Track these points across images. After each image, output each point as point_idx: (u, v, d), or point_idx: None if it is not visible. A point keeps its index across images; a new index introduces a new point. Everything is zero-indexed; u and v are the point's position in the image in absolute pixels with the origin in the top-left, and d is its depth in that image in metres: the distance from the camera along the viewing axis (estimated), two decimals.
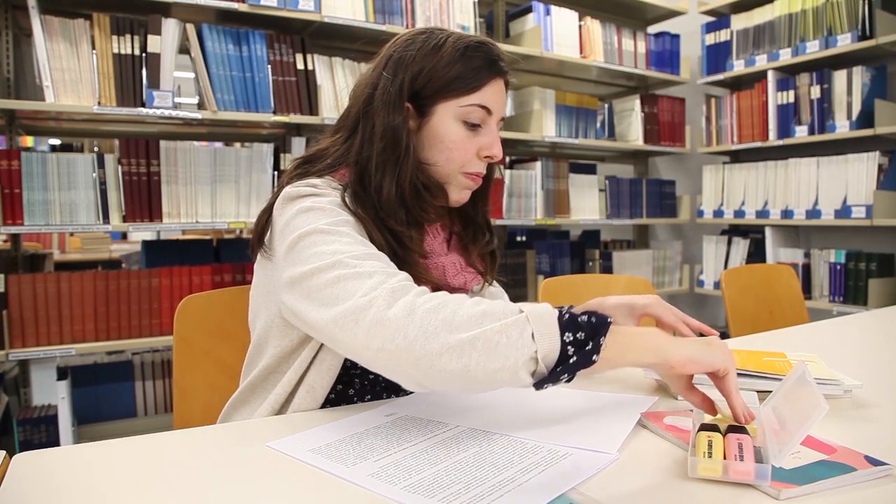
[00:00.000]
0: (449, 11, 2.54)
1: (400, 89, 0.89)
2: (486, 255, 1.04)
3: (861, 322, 1.61)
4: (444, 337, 0.64)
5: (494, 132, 0.94)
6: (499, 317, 0.65)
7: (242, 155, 2.18)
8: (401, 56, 0.91)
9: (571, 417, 0.81)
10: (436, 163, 0.92)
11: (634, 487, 0.62)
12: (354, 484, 0.62)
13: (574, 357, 0.65)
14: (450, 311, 0.65)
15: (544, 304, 0.69)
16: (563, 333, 0.65)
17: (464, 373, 0.64)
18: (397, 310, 0.66)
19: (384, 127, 0.88)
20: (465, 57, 0.90)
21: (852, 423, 0.80)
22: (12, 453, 0.69)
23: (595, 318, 0.67)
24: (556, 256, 3.04)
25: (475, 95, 0.91)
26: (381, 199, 0.87)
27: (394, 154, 0.88)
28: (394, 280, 0.70)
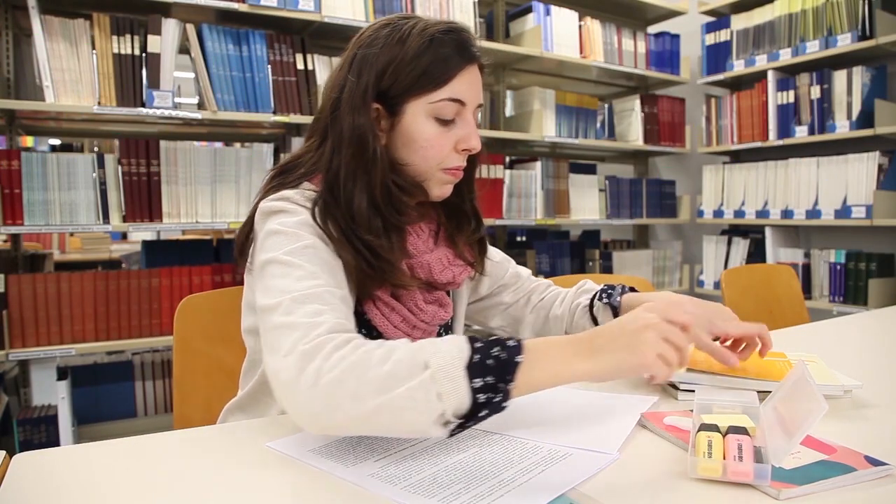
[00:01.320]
0: (449, 11, 2.54)
1: (365, 91, 0.85)
2: (475, 244, 1.01)
3: (861, 322, 1.61)
4: (348, 408, 0.62)
5: (471, 123, 0.90)
6: (404, 377, 0.62)
7: (242, 155, 2.18)
8: (364, 54, 0.87)
9: (571, 417, 0.81)
10: (412, 162, 0.89)
11: (634, 487, 0.62)
12: (354, 484, 0.62)
13: (485, 405, 0.63)
14: (353, 379, 0.62)
15: (456, 343, 0.65)
16: (472, 380, 0.62)
17: (374, 433, 0.64)
18: (305, 379, 0.64)
19: (350, 132, 0.85)
20: (431, 48, 0.85)
21: (852, 423, 0.80)
22: (12, 453, 0.69)
23: (506, 353, 0.64)
24: (556, 256, 3.04)
25: (445, 89, 0.86)
26: (353, 211, 0.84)
27: (362, 160, 0.85)
28: (313, 335, 0.67)
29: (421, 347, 0.65)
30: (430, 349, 0.64)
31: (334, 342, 0.66)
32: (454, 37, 0.87)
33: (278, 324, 0.70)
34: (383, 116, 0.88)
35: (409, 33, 0.86)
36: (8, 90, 2.03)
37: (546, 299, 1.14)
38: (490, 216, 2.68)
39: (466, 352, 0.64)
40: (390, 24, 0.88)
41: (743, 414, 0.72)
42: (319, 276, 0.76)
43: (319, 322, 0.69)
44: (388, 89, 0.86)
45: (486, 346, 0.65)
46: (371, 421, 0.63)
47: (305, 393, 0.64)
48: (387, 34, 0.86)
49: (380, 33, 0.87)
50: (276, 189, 0.89)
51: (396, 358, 0.64)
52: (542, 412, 0.84)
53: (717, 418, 0.70)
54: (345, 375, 0.63)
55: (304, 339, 0.67)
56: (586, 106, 3.03)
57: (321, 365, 0.64)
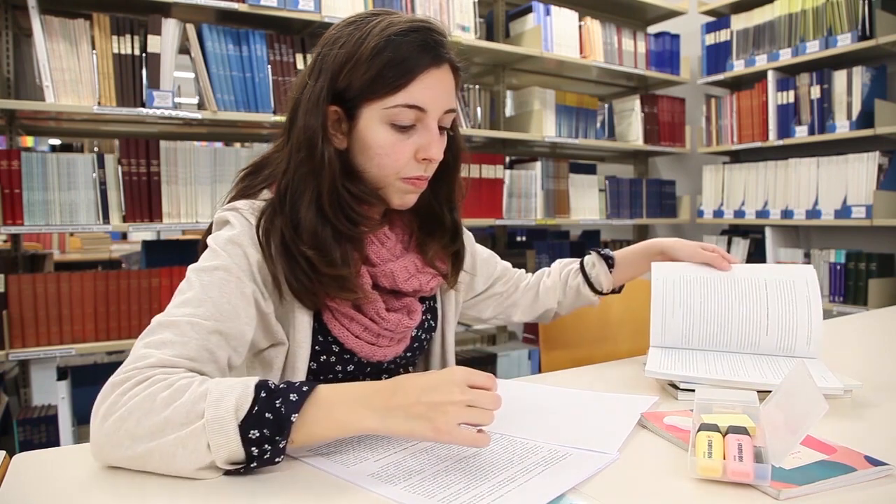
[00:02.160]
0: (449, 11, 2.54)
1: (320, 93, 0.81)
2: (448, 256, 0.97)
3: (861, 322, 1.61)
4: (126, 447, 0.63)
5: (432, 130, 0.83)
6: (179, 425, 0.62)
7: (242, 155, 2.18)
8: (325, 54, 0.83)
9: (571, 417, 0.81)
10: (367, 170, 0.85)
11: (634, 487, 0.62)
12: (354, 484, 0.62)
13: (257, 458, 0.63)
14: (134, 420, 0.63)
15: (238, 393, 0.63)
16: (248, 430, 0.62)
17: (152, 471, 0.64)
18: (101, 412, 0.65)
19: (302, 135, 0.82)
20: (387, 49, 0.79)
21: (852, 423, 0.80)
22: (12, 453, 0.69)
23: (285, 408, 0.63)
24: (557, 256, 3.00)
25: (401, 94, 0.80)
26: (298, 220, 0.82)
27: (311, 164, 0.81)
28: (130, 367, 0.67)
29: (203, 395, 0.64)
30: (213, 397, 0.63)
31: (137, 378, 0.66)
32: (416, 37, 0.81)
33: (140, 343, 0.71)
34: (343, 120, 0.84)
35: (369, 32, 0.81)
36: (8, 90, 2.03)
37: (532, 280, 1.20)
38: (490, 216, 2.68)
39: (247, 403, 0.63)
40: (356, 22, 0.84)
41: (743, 414, 0.72)
42: (202, 304, 0.74)
43: (149, 354, 0.69)
44: (343, 91, 0.82)
45: (269, 398, 0.63)
46: (146, 462, 0.63)
47: (96, 426, 0.65)
48: (349, 32, 0.82)
49: (344, 31, 0.83)
50: (238, 195, 0.90)
51: (178, 403, 0.63)
52: (542, 412, 0.84)
53: (717, 418, 0.70)
54: (126, 415, 0.63)
55: (122, 369, 0.68)
56: (586, 106, 3.03)
57: (116, 400, 0.65)
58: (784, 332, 1.02)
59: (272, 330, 0.84)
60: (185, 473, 0.63)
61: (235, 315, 0.76)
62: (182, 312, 0.73)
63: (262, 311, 0.82)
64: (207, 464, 0.62)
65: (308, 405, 0.65)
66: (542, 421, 0.80)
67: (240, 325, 0.77)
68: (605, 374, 1.07)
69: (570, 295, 1.18)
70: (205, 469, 0.63)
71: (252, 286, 0.80)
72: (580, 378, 1.04)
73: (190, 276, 0.78)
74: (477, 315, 1.18)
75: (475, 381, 0.67)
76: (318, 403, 0.65)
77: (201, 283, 0.76)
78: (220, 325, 0.74)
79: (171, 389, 0.64)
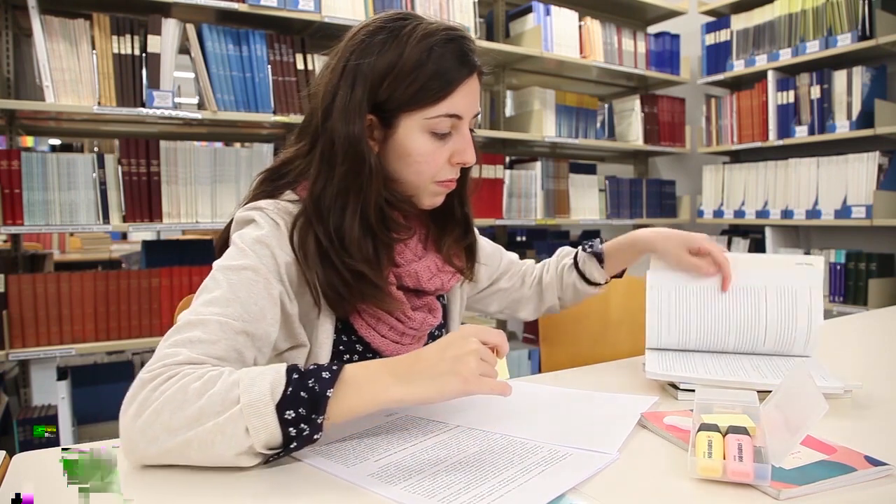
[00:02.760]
0: (449, 11, 2.54)
1: (360, 105, 0.81)
2: (462, 251, 0.98)
3: (861, 322, 1.61)
4: (162, 441, 0.63)
5: (467, 137, 0.86)
6: (215, 412, 0.63)
7: (242, 155, 2.18)
8: (358, 64, 0.81)
9: (571, 417, 0.81)
10: (404, 176, 0.86)
11: (634, 487, 0.62)
12: (354, 484, 0.62)
13: (296, 438, 0.63)
14: (168, 413, 0.63)
15: (271, 378, 0.64)
16: (284, 412, 0.62)
17: (189, 463, 0.64)
18: (132, 410, 0.65)
19: (345, 145, 0.81)
20: (430, 60, 0.80)
21: (852, 423, 0.80)
22: (12, 453, 0.69)
23: (318, 385, 0.64)
24: None
25: (443, 105, 0.82)
26: (342, 233, 0.81)
27: (358, 176, 0.81)
28: (158, 365, 0.68)
29: (236, 382, 0.64)
30: (245, 383, 0.64)
31: (167, 374, 0.66)
32: (455, 47, 0.82)
33: (167, 341, 0.71)
34: (376, 127, 0.84)
35: (406, 41, 0.81)
36: (8, 90, 2.03)
37: (536, 274, 1.20)
38: (490, 216, 2.68)
39: (281, 385, 0.64)
40: (385, 27, 0.83)
41: (743, 414, 0.72)
42: (230, 304, 0.74)
43: (177, 352, 0.69)
44: (383, 102, 0.82)
45: (302, 378, 0.65)
46: (184, 453, 0.63)
47: (127, 424, 0.65)
48: (382, 40, 0.81)
49: (375, 38, 0.82)
50: (260, 196, 0.89)
51: (211, 392, 0.64)
52: (543, 412, 0.84)
53: (717, 418, 0.70)
54: (161, 407, 0.64)
55: (151, 366, 0.68)
56: (586, 106, 3.03)
57: (147, 396, 0.65)
58: (781, 340, 1.01)
59: (295, 332, 0.84)
60: (224, 461, 0.63)
61: (262, 316, 0.77)
62: (210, 311, 0.73)
63: (286, 312, 0.81)
64: (246, 448, 0.63)
65: (339, 382, 0.66)
66: (542, 421, 0.80)
67: (266, 327, 0.77)
68: (605, 374, 1.07)
69: (569, 291, 1.19)
70: (244, 454, 0.63)
71: (279, 287, 0.80)
72: (580, 378, 1.04)
73: (216, 275, 0.77)
74: (483, 308, 1.19)
75: (485, 337, 0.71)
76: (348, 381, 0.67)
77: (229, 283, 0.76)
78: (247, 326, 0.74)
79: (203, 381, 0.65)
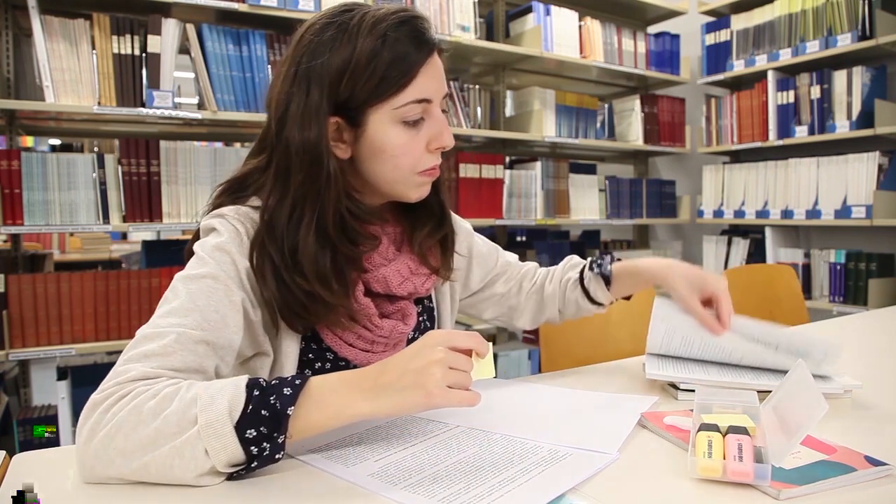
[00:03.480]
0: (449, 11, 2.54)
1: (318, 108, 0.76)
2: (436, 245, 0.92)
3: (861, 322, 1.61)
4: (119, 465, 0.61)
5: (440, 119, 0.82)
6: (172, 434, 0.60)
7: (242, 155, 2.15)
8: (310, 66, 0.77)
9: (571, 417, 0.81)
10: (382, 173, 0.82)
11: (634, 487, 0.62)
12: (354, 484, 0.62)
13: (257, 457, 0.61)
14: (122, 437, 0.61)
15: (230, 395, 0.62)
16: (244, 430, 0.60)
17: (151, 481, 0.62)
18: (84, 433, 0.62)
19: (301, 152, 0.76)
20: (385, 47, 0.76)
21: (852, 423, 0.80)
22: (12, 453, 0.69)
23: (279, 402, 0.62)
24: (557, 256, 3.03)
25: (409, 91, 0.78)
26: (296, 248, 0.77)
27: (314, 186, 0.77)
28: (111, 383, 0.65)
29: (194, 400, 0.62)
30: (204, 401, 0.61)
31: (119, 393, 0.64)
32: (408, 28, 0.78)
33: (123, 358, 0.68)
34: (344, 129, 0.80)
35: (356, 33, 0.76)
36: (8, 90, 2.03)
37: (538, 282, 1.13)
38: (490, 216, 2.68)
39: (240, 403, 0.61)
40: (332, 23, 0.78)
41: (743, 414, 0.72)
42: (189, 314, 0.71)
43: (129, 369, 0.66)
44: (346, 100, 0.77)
45: (262, 395, 0.62)
46: (143, 476, 0.61)
47: (80, 447, 0.63)
48: (332, 37, 0.77)
49: (323, 37, 0.77)
50: (221, 205, 0.84)
51: (167, 412, 0.61)
52: (543, 412, 0.84)
53: (717, 418, 0.70)
54: (114, 432, 0.61)
55: (102, 387, 0.65)
56: (586, 106, 3.03)
57: (99, 419, 0.62)
58: None
59: (258, 340, 0.81)
60: (185, 482, 0.61)
61: (224, 324, 0.73)
62: (167, 323, 0.70)
63: (249, 319, 0.78)
64: (207, 469, 0.61)
65: (302, 397, 0.64)
66: (542, 421, 0.80)
67: (228, 334, 0.74)
68: (605, 374, 1.07)
69: (571, 307, 1.12)
70: (206, 475, 0.61)
71: (241, 294, 0.76)
72: (580, 378, 1.04)
73: (176, 285, 0.74)
74: (477, 315, 1.14)
75: (456, 342, 0.66)
76: (311, 394, 0.65)
77: (188, 292, 0.73)
78: (207, 335, 0.71)
79: (158, 398, 0.62)
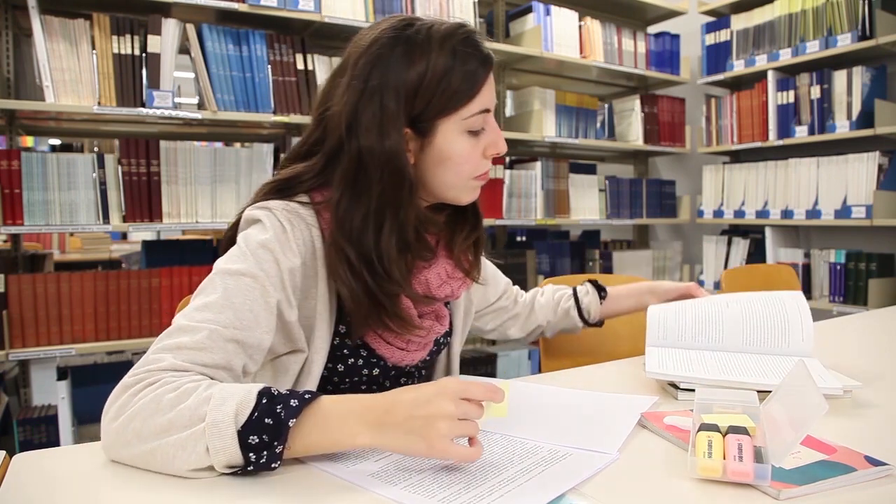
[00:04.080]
0: (449, 11, 2.54)
1: (395, 119, 0.80)
2: (470, 248, 0.96)
3: (861, 322, 1.61)
4: (132, 446, 0.64)
5: (496, 127, 0.88)
6: (181, 426, 0.63)
7: (242, 155, 2.18)
8: (384, 79, 0.80)
9: (571, 417, 0.81)
10: (442, 179, 0.87)
11: (634, 487, 0.62)
12: (354, 484, 0.62)
13: (255, 463, 0.62)
14: (140, 421, 0.64)
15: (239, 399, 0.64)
16: (248, 436, 0.62)
17: (158, 470, 0.64)
18: (110, 412, 0.67)
19: (381, 165, 0.80)
20: (456, 60, 0.81)
21: (852, 423, 0.80)
22: (12, 453, 0.69)
23: (284, 413, 0.63)
24: (556, 256, 3.04)
25: (475, 103, 0.83)
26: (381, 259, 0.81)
27: (396, 195, 0.81)
28: (143, 370, 0.68)
29: (208, 398, 0.64)
30: (215, 401, 0.64)
31: (148, 380, 0.67)
32: (473, 44, 0.84)
33: (155, 347, 0.72)
34: (411, 139, 0.84)
35: (427, 48, 0.81)
36: (8, 90, 2.03)
37: (528, 296, 1.26)
38: (490, 216, 2.68)
39: (248, 409, 0.63)
40: (400, 37, 0.82)
41: (743, 414, 0.72)
42: (223, 310, 0.74)
43: (162, 358, 0.69)
44: (419, 112, 0.82)
45: (270, 403, 0.64)
46: (148, 461, 0.64)
47: (106, 425, 0.67)
48: (403, 51, 0.81)
49: (394, 51, 0.81)
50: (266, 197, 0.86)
51: (183, 406, 0.64)
52: (542, 412, 0.84)
53: (717, 418, 0.70)
54: (135, 415, 0.65)
55: (134, 371, 0.69)
56: (586, 106, 3.03)
57: (126, 401, 0.66)
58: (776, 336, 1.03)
59: (294, 337, 0.83)
60: (182, 474, 0.63)
61: (256, 324, 0.76)
62: (202, 317, 0.73)
63: (284, 320, 0.80)
64: (205, 466, 0.63)
65: (307, 413, 0.65)
66: (542, 421, 0.80)
67: (259, 335, 0.76)
68: (605, 374, 1.07)
69: (560, 315, 1.24)
70: (202, 471, 0.63)
71: (277, 296, 0.78)
72: (580, 378, 1.04)
73: (214, 279, 0.77)
74: (481, 326, 1.21)
75: (470, 393, 0.65)
76: (317, 413, 0.65)
77: (225, 288, 0.75)
78: (238, 334, 0.74)
79: (178, 392, 0.65)
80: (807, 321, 1.03)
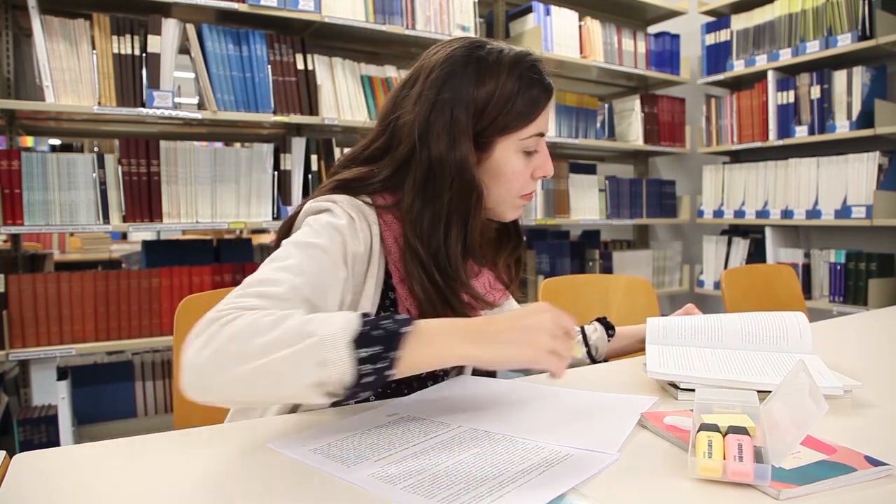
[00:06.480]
0: (449, 11, 2.54)
1: (465, 132, 0.86)
2: (512, 263, 1.02)
3: (861, 322, 1.61)
4: (230, 369, 0.63)
5: (546, 151, 0.94)
6: (289, 343, 0.63)
7: (242, 155, 2.18)
8: (455, 94, 0.86)
9: (571, 417, 0.81)
10: (493, 195, 0.92)
11: (634, 487, 0.62)
12: (354, 484, 0.62)
13: (370, 374, 0.63)
14: (239, 342, 0.64)
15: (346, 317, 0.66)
16: (358, 349, 0.63)
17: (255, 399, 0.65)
18: (199, 342, 0.66)
19: (452, 174, 0.86)
20: (522, 84, 0.88)
21: (852, 423, 0.80)
22: (12, 453, 0.69)
23: (395, 324, 0.65)
24: (557, 256, 3.04)
25: (533, 126, 0.90)
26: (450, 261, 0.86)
27: (465, 203, 0.87)
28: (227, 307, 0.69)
29: (311, 319, 0.66)
30: (320, 319, 0.65)
31: (237, 312, 0.68)
32: (537, 70, 0.89)
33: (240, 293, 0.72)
34: (471, 153, 0.88)
35: (497, 70, 0.87)
36: (8, 90, 2.03)
37: None
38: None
39: (355, 324, 0.65)
40: (472, 57, 0.88)
41: (743, 414, 0.72)
42: (301, 275, 0.76)
43: (248, 301, 0.70)
44: (483, 128, 0.87)
45: (377, 319, 0.66)
46: (252, 383, 0.63)
47: (191, 356, 0.66)
48: (476, 70, 0.87)
49: (467, 70, 0.87)
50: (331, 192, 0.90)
51: (286, 325, 0.65)
52: (542, 412, 0.84)
53: (717, 418, 0.70)
54: (231, 338, 0.65)
55: (220, 306, 0.69)
56: (586, 106, 3.03)
57: (217, 331, 0.66)
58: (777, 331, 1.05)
59: None
60: (291, 394, 0.64)
61: (325, 294, 0.78)
62: (281, 276, 0.75)
63: (343, 299, 0.83)
64: (316, 382, 0.63)
65: (414, 325, 0.67)
66: (542, 421, 0.80)
67: (327, 304, 0.79)
68: (605, 374, 1.07)
69: None
70: (314, 388, 0.63)
71: (345, 273, 0.82)
72: (580, 378, 1.04)
73: (287, 248, 0.79)
74: None
75: (562, 317, 0.71)
76: (420, 329, 0.67)
77: (301, 256, 0.78)
78: (313, 297, 0.76)
79: (274, 317, 0.66)
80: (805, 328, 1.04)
